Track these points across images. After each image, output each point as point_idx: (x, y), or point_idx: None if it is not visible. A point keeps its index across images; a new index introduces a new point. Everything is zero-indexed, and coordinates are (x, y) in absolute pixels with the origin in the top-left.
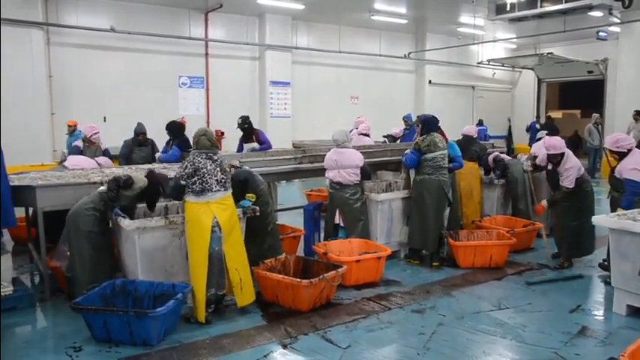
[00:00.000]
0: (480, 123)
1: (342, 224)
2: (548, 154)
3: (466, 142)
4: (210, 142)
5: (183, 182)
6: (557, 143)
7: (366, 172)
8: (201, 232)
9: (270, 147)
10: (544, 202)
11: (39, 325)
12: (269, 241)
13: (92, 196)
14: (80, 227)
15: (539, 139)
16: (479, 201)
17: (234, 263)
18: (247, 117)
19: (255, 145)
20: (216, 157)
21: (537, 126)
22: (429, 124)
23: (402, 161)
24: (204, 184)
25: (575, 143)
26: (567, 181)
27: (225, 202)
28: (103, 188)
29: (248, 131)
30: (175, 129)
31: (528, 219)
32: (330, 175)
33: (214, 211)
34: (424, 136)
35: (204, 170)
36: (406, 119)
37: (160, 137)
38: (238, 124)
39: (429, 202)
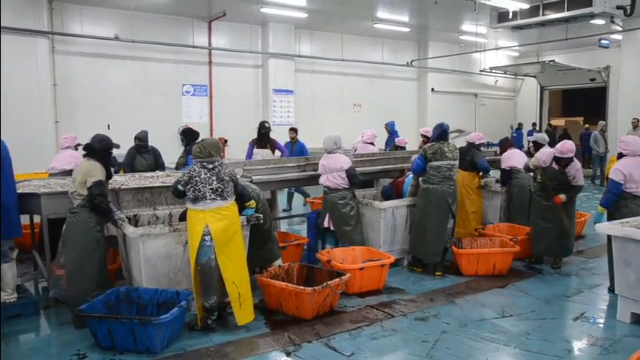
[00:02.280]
0: (519, 127)
1: (332, 228)
2: (562, 157)
3: (465, 149)
4: (208, 150)
5: (181, 188)
6: (573, 147)
7: (354, 176)
8: (191, 240)
9: (289, 154)
10: (563, 196)
11: (43, 332)
12: (268, 246)
13: (83, 210)
14: (84, 244)
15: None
16: (473, 210)
17: (232, 276)
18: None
19: (268, 152)
20: (211, 166)
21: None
22: (439, 132)
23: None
24: (196, 192)
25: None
26: (581, 180)
27: (222, 212)
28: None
29: (265, 137)
30: (189, 134)
31: None
32: (321, 180)
33: (207, 220)
34: (433, 143)
35: (197, 179)
36: (387, 126)
37: (163, 144)
38: (264, 126)
39: (430, 212)
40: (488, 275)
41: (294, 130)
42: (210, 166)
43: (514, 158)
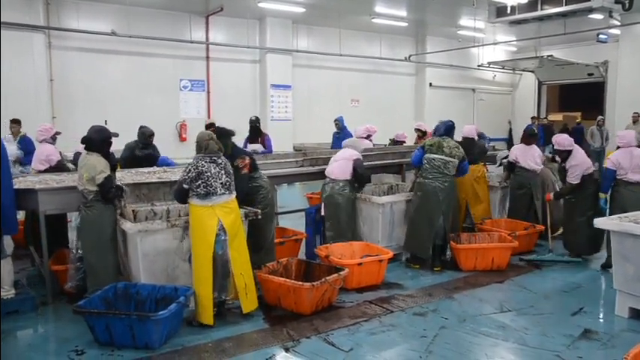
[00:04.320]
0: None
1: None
2: (555, 149)
3: (467, 144)
4: (218, 145)
5: (186, 186)
6: (565, 141)
7: (359, 172)
8: (205, 236)
9: (270, 152)
10: (551, 194)
11: (41, 328)
12: (261, 254)
13: (97, 204)
14: (95, 232)
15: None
16: (486, 201)
17: (240, 268)
18: (259, 118)
19: (259, 147)
20: (220, 161)
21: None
22: (439, 128)
23: (409, 163)
24: (208, 187)
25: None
26: (572, 177)
27: (230, 205)
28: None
29: (256, 132)
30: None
31: None
32: (328, 170)
33: (219, 215)
34: (434, 136)
35: (208, 174)
36: (337, 122)
37: (161, 140)
38: (251, 121)
39: (421, 206)
40: (487, 270)
41: (211, 125)
42: (220, 160)
43: (514, 152)
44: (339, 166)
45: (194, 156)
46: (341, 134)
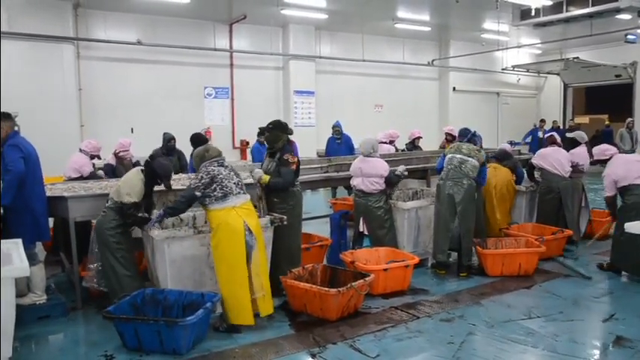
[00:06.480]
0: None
1: (366, 232)
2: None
3: (502, 155)
4: (218, 150)
5: (198, 193)
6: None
7: (392, 182)
8: (236, 236)
9: None
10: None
11: (71, 333)
12: (289, 257)
13: (110, 212)
14: (108, 243)
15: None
16: (509, 207)
17: (267, 269)
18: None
19: None
20: (226, 164)
21: (540, 134)
22: (458, 134)
23: (434, 168)
24: (224, 188)
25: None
26: (605, 189)
27: (248, 206)
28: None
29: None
30: (200, 141)
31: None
32: (354, 183)
33: (242, 216)
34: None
35: (221, 176)
36: (337, 127)
37: (186, 147)
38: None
39: (438, 209)
40: (514, 276)
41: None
42: (226, 164)
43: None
44: (371, 183)
45: (201, 165)
46: (341, 140)
